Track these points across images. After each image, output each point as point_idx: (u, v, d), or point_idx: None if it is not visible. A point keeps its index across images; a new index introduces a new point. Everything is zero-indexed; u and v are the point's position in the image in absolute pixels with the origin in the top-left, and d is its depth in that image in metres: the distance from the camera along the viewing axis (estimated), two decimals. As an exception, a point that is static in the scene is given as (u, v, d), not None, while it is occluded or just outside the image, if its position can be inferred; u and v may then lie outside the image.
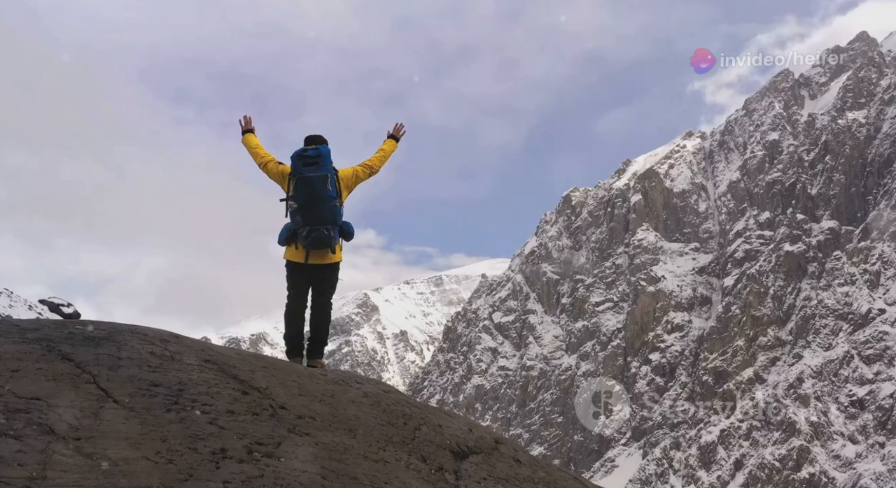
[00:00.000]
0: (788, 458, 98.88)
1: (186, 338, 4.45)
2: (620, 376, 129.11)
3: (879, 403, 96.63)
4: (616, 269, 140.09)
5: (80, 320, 4.08)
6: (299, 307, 6.50)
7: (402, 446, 4.07)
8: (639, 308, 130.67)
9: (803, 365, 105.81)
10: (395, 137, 7.14)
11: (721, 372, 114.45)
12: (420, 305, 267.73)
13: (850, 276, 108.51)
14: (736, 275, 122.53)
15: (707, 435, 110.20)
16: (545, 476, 4.75)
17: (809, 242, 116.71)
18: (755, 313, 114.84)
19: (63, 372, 3.39)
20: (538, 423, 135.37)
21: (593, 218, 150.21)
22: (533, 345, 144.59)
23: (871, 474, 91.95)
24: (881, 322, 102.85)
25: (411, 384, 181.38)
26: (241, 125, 7.08)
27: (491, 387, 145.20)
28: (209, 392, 3.65)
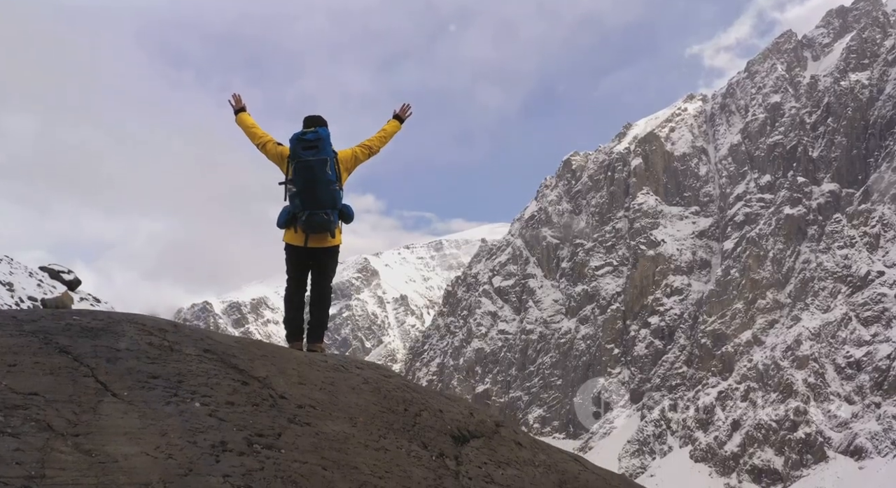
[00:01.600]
0: (785, 419, 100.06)
1: (185, 326, 4.41)
2: (619, 340, 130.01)
3: (876, 364, 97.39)
4: (616, 233, 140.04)
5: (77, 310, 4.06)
6: (299, 291, 6.48)
7: (403, 433, 4.07)
8: (638, 272, 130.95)
9: (801, 327, 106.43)
10: (400, 118, 6.98)
11: (720, 335, 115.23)
12: (420, 270, 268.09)
13: (850, 239, 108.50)
14: (736, 239, 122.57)
15: (705, 396, 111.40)
16: (545, 458, 4.77)
17: (810, 205, 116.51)
18: (754, 276, 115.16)
19: (61, 366, 3.35)
20: (537, 386, 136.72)
21: (593, 182, 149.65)
22: (533, 308, 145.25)
23: (867, 433, 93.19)
24: (880, 284, 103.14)
25: (412, 348, 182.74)
26: (231, 105, 6.92)
27: (491, 351, 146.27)
28: (209, 383, 3.63)
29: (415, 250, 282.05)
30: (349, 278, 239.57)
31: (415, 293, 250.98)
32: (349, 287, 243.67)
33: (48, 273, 23.44)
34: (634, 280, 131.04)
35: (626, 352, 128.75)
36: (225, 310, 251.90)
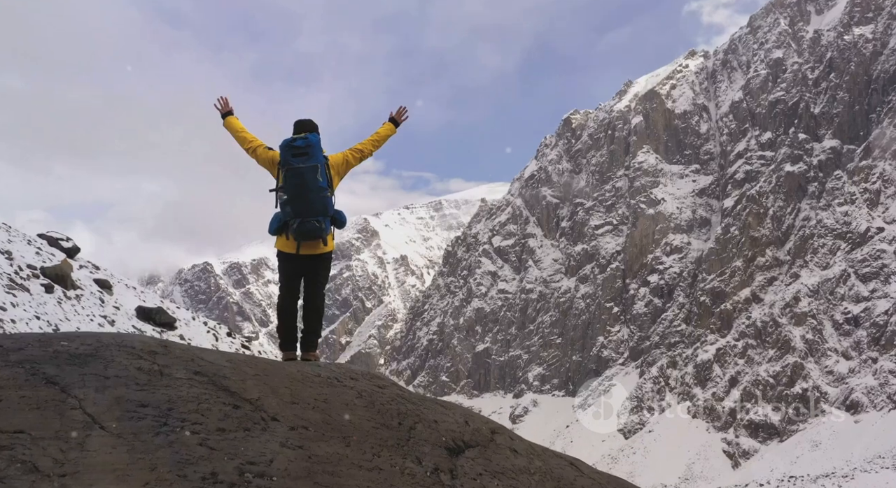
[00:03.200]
0: (782, 375, 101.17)
1: (175, 345, 4.33)
2: (619, 298, 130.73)
3: (874, 320, 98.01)
4: (616, 192, 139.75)
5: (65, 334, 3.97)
6: (292, 299, 6.44)
7: (397, 449, 4.02)
8: (638, 230, 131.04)
9: (800, 284, 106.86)
10: (395, 121, 6.90)
11: (719, 293, 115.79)
12: (420, 230, 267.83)
13: (850, 196, 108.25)
14: (736, 197, 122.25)
15: (703, 353, 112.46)
16: (541, 465, 4.76)
17: (810, 162, 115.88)
18: (754, 234, 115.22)
19: (48, 399, 3.28)
20: (537, 345, 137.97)
21: (594, 141, 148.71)
22: (532, 268, 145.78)
23: (863, 388, 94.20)
24: (879, 240, 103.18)
25: (412, 308, 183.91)
26: (218, 108, 6.80)
27: (491, 310, 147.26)
28: (199, 409, 3.56)
29: (414, 210, 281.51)
30: (349, 239, 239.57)
31: (415, 253, 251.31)
32: (349, 247, 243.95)
33: (47, 240, 23.32)
34: (634, 239, 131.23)
35: (626, 310, 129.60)
36: (225, 270, 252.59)
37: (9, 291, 15.83)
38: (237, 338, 31.15)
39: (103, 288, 21.85)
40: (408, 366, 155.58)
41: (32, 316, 15.49)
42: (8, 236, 20.94)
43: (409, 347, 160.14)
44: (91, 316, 18.61)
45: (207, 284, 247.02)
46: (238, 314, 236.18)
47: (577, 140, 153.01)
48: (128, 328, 19.92)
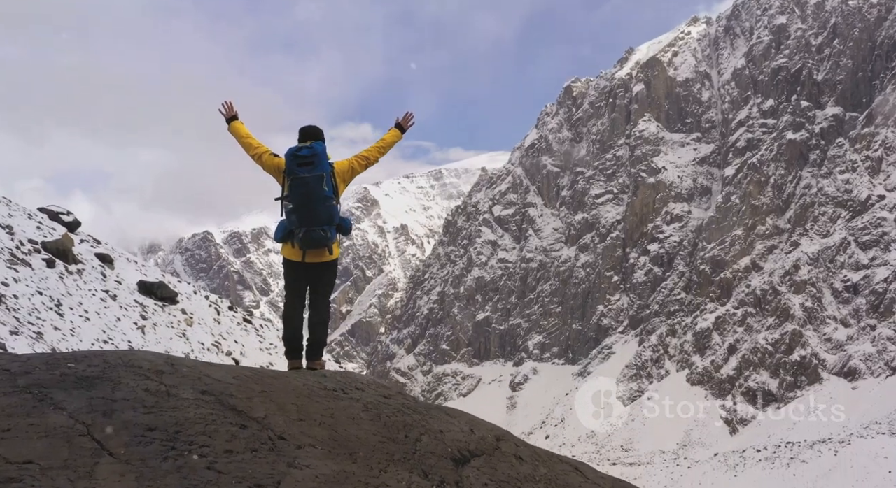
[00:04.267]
0: (781, 342, 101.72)
1: (182, 362, 4.32)
2: (619, 267, 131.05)
3: (873, 288, 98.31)
4: (616, 161, 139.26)
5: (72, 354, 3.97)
6: (297, 306, 6.43)
7: (404, 463, 4.05)
8: (638, 199, 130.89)
9: (800, 252, 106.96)
10: (401, 127, 6.92)
11: (718, 262, 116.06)
12: (420, 199, 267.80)
13: (852, 163, 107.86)
14: (737, 165, 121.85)
15: (702, 322, 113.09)
16: (546, 471, 4.78)
17: (812, 130, 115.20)
18: (755, 202, 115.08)
19: (56, 426, 3.28)
20: (537, 313, 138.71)
21: (594, 109, 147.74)
22: (533, 237, 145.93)
23: (861, 355, 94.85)
24: (880, 208, 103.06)
25: (412, 277, 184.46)
26: (222, 114, 6.74)
27: (491, 279, 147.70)
28: (206, 430, 3.58)
29: (415, 180, 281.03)
30: (349, 208, 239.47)
31: (415, 222, 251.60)
32: (350, 216, 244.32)
33: (47, 214, 23.25)
34: (634, 207, 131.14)
35: (626, 279, 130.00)
36: (226, 239, 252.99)
37: (10, 266, 15.80)
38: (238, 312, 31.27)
39: (104, 262, 21.76)
40: (408, 335, 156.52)
41: (35, 291, 15.46)
42: (8, 210, 20.83)
43: (410, 316, 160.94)
44: (93, 290, 18.58)
45: (208, 253, 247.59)
46: (239, 283, 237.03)
47: (577, 108, 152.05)
48: (129, 302, 19.87)
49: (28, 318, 13.56)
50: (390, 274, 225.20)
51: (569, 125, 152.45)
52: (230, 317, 28.06)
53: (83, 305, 16.93)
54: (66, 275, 18.17)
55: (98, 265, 21.01)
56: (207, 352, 21.80)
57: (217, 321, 25.97)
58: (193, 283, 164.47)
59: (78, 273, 19.01)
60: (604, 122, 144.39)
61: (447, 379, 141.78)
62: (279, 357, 26.40)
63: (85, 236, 23.92)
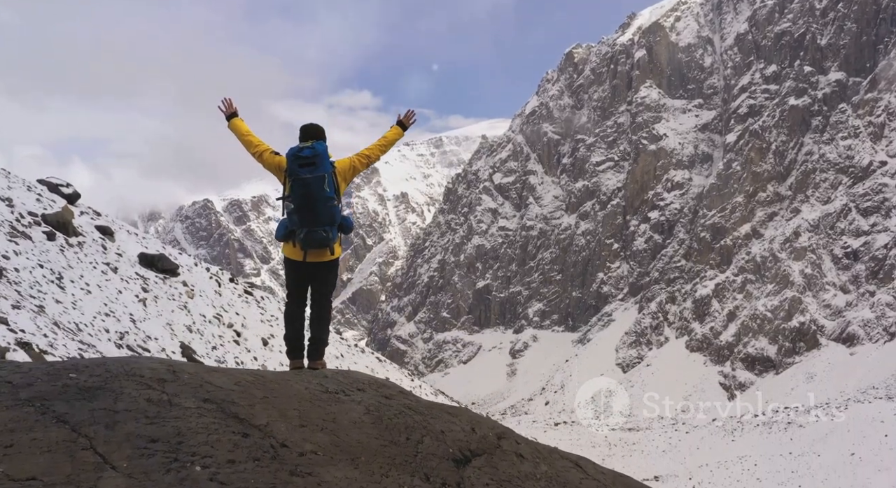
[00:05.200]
0: (780, 309, 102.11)
1: (183, 370, 4.32)
2: (619, 235, 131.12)
3: (873, 254, 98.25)
4: (617, 128, 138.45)
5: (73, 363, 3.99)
6: (299, 306, 6.47)
7: (406, 466, 4.07)
8: (639, 167, 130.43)
9: (801, 219, 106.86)
10: (402, 125, 6.89)
11: (719, 229, 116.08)
12: (420, 167, 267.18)
13: (854, 129, 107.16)
14: (739, 132, 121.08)
15: (702, 289, 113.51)
16: (547, 469, 4.87)
17: (815, 95, 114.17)
18: (756, 169, 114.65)
19: (58, 440, 3.29)
20: (537, 281, 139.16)
21: (596, 75, 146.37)
22: (533, 205, 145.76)
23: (860, 321, 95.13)
24: (881, 174, 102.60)
25: (412, 245, 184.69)
26: (222, 110, 6.67)
27: (491, 247, 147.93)
28: (209, 440, 3.59)
29: (415, 147, 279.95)
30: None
31: (415, 190, 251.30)
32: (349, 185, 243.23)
33: (47, 186, 23.33)
34: (635, 175, 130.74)
35: (626, 246, 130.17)
36: (226, 207, 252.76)
37: (11, 239, 15.84)
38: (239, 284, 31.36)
39: (105, 234, 21.90)
40: (409, 303, 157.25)
41: (35, 264, 15.46)
42: (8, 182, 20.71)
43: (410, 284, 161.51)
44: (94, 263, 18.68)
45: (208, 221, 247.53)
46: (239, 251, 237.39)
47: (579, 75, 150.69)
48: (131, 275, 19.99)
49: (29, 292, 13.53)
50: (390, 242, 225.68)
51: (570, 92, 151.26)
52: (231, 289, 28.15)
53: (84, 278, 16.99)
54: (67, 247, 18.28)
55: (98, 237, 21.16)
56: (209, 323, 21.90)
57: (218, 293, 26.06)
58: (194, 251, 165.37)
59: (78, 245, 19.13)
60: (605, 88, 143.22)
61: (447, 346, 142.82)
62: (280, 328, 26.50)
63: (85, 208, 23.89)
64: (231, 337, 22.41)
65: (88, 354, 11.63)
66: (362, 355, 33.45)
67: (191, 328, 20.04)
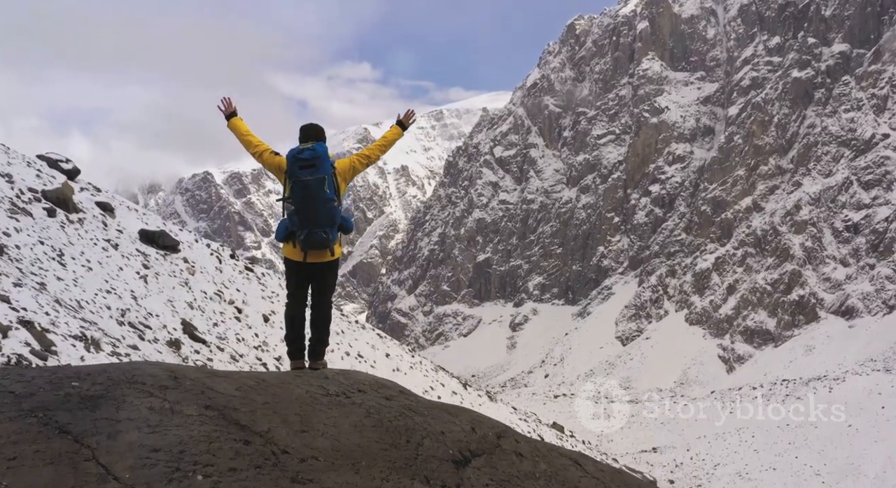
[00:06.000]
0: (780, 282, 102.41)
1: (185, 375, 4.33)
2: (620, 208, 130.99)
3: (874, 227, 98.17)
4: (619, 101, 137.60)
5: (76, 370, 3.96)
6: (299, 306, 6.49)
7: (406, 470, 4.11)
8: (640, 140, 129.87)
9: (802, 192, 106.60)
10: (402, 124, 7.03)
11: (720, 202, 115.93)
12: (420, 140, 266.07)
13: (857, 101, 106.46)
14: (741, 104, 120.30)
15: (702, 262, 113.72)
16: (546, 467, 4.92)
17: (818, 67, 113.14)
18: (758, 142, 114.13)
19: (61, 452, 3.31)
20: (538, 255, 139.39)
21: (598, 48, 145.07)
22: (534, 178, 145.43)
23: (859, 294, 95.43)
24: (884, 147, 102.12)
25: (413, 218, 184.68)
26: (221, 110, 6.64)
27: (492, 221, 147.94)
28: (210, 449, 3.61)
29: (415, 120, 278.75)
30: (349, 149, 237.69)
31: (416, 163, 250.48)
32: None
33: (46, 162, 23.05)
34: (636, 148, 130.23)
35: (626, 220, 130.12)
36: (226, 180, 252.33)
37: (11, 216, 15.76)
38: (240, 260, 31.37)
39: (105, 210, 21.77)
40: (409, 276, 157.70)
41: (36, 241, 15.42)
42: (7, 158, 20.57)
43: (411, 257, 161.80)
44: (94, 239, 18.63)
45: (208, 194, 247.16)
46: (240, 223, 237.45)
47: (580, 47, 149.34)
48: (131, 251, 19.96)
49: (31, 269, 13.51)
50: (391, 215, 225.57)
51: (571, 64, 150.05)
52: (232, 266, 28.16)
53: (85, 255, 16.95)
54: (68, 224, 18.21)
55: (99, 214, 21.06)
56: (210, 300, 21.88)
57: (219, 269, 26.06)
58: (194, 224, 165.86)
59: (79, 222, 19.06)
60: (607, 61, 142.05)
61: (448, 319, 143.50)
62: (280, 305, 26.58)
63: (85, 184, 23.80)
64: (232, 313, 22.44)
65: (90, 332, 11.58)
66: (363, 331, 33.56)
67: (192, 305, 20.06)
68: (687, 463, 76.42)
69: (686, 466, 75.26)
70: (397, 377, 29.58)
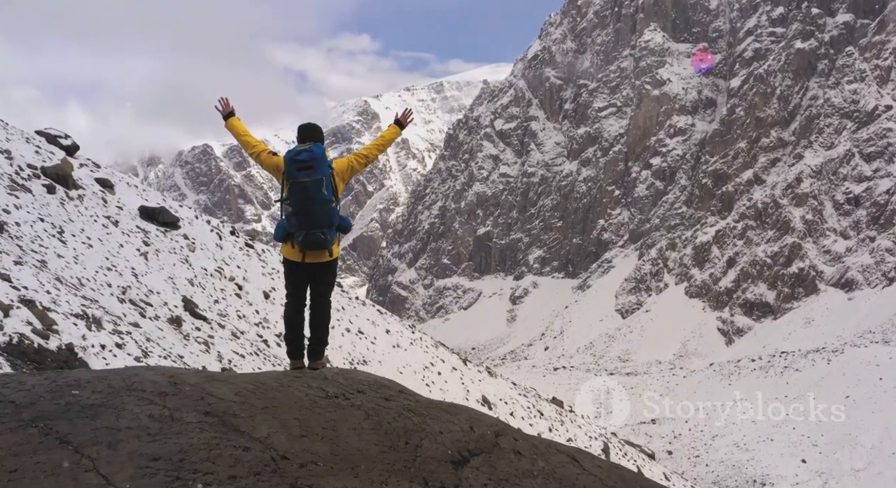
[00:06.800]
0: (780, 255, 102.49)
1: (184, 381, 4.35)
2: (620, 181, 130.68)
3: (875, 199, 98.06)
4: (621, 73, 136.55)
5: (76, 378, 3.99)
6: (298, 306, 6.51)
7: (404, 472, 4.14)
8: (642, 112, 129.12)
9: (803, 165, 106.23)
10: (400, 124, 6.93)
11: (721, 175, 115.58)
12: (421, 112, 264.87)
13: (861, 73, 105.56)
14: (743, 76, 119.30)
15: (702, 235, 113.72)
16: (544, 465, 4.97)
17: (822, 38, 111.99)
18: (760, 114, 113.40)
19: (62, 463, 3.31)
20: (538, 228, 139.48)
21: (599, 19, 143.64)
22: (534, 151, 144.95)
23: (859, 266, 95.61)
24: (886, 119, 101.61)
25: (413, 191, 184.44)
26: (219, 110, 6.66)
27: (492, 194, 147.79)
28: (210, 456, 3.62)
29: (416, 92, 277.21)
30: (350, 121, 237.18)
31: (416, 136, 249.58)
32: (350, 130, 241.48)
33: (45, 137, 22.75)
34: (637, 121, 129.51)
35: (627, 193, 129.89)
36: (226, 152, 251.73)
37: (11, 193, 15.69)
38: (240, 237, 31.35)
39: (105, 187, 21.67)
40: (409, 250, 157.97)
41: (36, 218, 15.37)
42: (6, 134, 20.35)
43: (411, 230, 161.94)
44: (94, 216, 18.59)
45: (208, 166, 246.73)
46: (240, 196, 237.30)
47: (582, 18, 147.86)
48: (131, 228, 19.89)
49: (31, 246, 13.49)
50: (391, 188, 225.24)
51: (573, 36, 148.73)
52: (232, 242, 28.13)
53: (85, 232, 16.91)
54: (67, 201, 18.08)
55: (99, 190, 20.94)
56: (210, 277, 21.81)
57: (219, 246, 26.02)
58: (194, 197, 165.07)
59: (79, 199, 18.96)
60: (608, 32, 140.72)
61: (448, 292, 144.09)
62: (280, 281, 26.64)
63: (84, 160, 23.67)
64: (233, 290, 22.40)
65: (91, 310, 11.58)
66: (363, 307, 33.60)
67: (192, 281, 19.99)
68: (685, 434, 77.31)
69: (684, 437, 75.96)
70: (398, 353, 29.66)
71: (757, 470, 66.08)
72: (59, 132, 24.00)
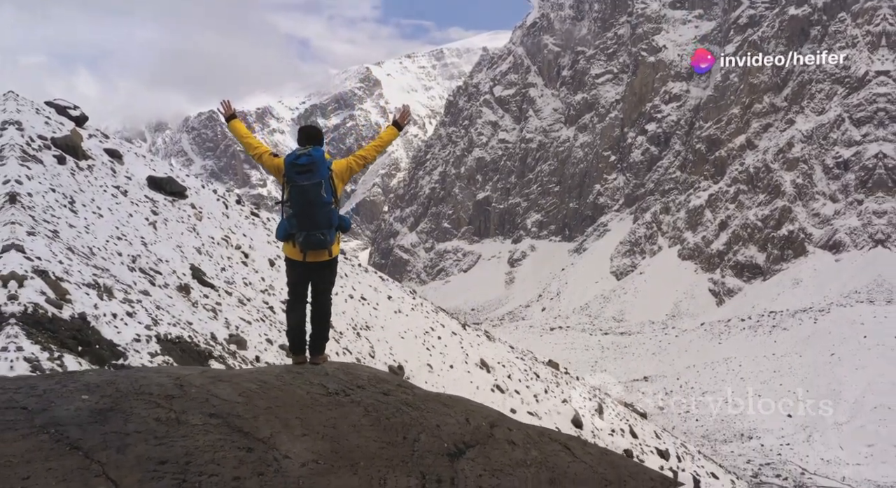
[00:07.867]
0: (770, 218, 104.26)
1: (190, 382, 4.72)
2: (616, 147, 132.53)
3: (864, 163, 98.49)
4: (618, 40, 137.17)
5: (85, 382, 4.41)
6: (300, 303, 6.73)
7: (402, 467, 4.47)
8: (638, 79, 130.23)
9: (794, 129, 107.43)
10: (398, 125, 7.07)
11: (714, 140, 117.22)
12: (421, 79, 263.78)
13: (853, 39, 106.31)
14: (738, 43, 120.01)
15: (696, 199, 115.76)
16: (537, 454, 5.28)
17: (815, 4, 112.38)
18: (753, 81, 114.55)
19: (73, 468, 3.47)
20: (536, 193, 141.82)
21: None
22: (533, 118, 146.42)
23: (846, 229, 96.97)
24: (877, 84, 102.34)
25: (414, 157, 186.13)
26: (221, 112, 7.00)
27: (491, 159, 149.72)
28: (215, 458, 3.84)
29: (416, 60, 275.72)
30: (352, 88, 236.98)
31: (416, 103, 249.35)
32: (352, 97, 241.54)
33: (55, 108, 22.53)
34: (634, 87, 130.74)
35: (623, 158, 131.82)
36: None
37: (23, 164, 15.64)
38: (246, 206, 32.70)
39: (114, 157, 21.81)
40: (411, 214, 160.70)
41: (48, 188, 15.34)
42: (16, 105, 20.27)
43: (412, 195, 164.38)
44: (104, 186, 18.69)
45: (214, 132, 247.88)
46: (245, 162, 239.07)
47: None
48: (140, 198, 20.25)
49: (43, 217, 13.56)
50: (393, 154, 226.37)
51: (571, 2, 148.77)
52: (238, 211, 28.04)
53: (95, 202, 17.02)
54: (77, 171, 18.17)
55: (108, 161, 21.05)
56: (217, 245, 21.94)
57: (226, 215, 25.82)
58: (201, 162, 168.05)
59: (88, 169, 19.04)
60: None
61: (448, 255, 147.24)
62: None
63: (93, 131, 23.40)
64: (239, 258, 22.54)
65: (102, 279, 11.81)
66: (365, 274, 34.08)
67: (200, 250, 20.11)
68: (676, 390, 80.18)
69: (675, 394, 79.02)
70: (399, 318, 30.15)
71: (745, 424, 68.69)
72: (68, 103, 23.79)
